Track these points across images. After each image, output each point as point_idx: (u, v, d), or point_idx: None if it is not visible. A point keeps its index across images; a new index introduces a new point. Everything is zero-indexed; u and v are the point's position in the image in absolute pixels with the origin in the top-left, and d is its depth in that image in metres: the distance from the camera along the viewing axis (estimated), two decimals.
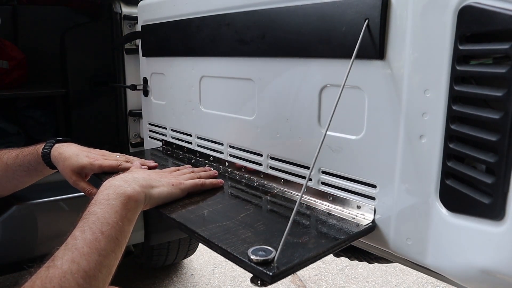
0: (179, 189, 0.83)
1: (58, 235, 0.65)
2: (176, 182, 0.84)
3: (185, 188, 0.84)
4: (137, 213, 0.73)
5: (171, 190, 0.82)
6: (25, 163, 1.02)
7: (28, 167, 1.03)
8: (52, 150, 1.01)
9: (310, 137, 0.82)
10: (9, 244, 1.28)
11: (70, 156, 0.99)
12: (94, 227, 0.64)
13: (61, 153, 1.00)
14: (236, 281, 2.22)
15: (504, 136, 0.52)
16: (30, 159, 1.02)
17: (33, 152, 1.02)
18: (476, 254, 0.58)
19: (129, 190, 0.72)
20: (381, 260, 0.93)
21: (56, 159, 1.00)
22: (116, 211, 0.68)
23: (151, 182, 0.79)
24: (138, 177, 0.78)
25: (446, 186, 0.60)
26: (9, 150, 1.05)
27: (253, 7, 0.88)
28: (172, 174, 0.89)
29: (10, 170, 1.03)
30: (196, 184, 0.86)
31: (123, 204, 0.69)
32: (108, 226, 0.65)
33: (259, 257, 0.57)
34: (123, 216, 0.68)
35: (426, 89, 0.61)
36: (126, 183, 0.74)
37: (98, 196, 0.71)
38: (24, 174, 1.04)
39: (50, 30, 2.00)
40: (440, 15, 0.58)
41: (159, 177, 0.83)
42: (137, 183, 0.76)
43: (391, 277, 2.25)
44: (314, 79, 0.79)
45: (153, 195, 0.77)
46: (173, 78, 1.21)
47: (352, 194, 0.76)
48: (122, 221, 0.68)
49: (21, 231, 1.30)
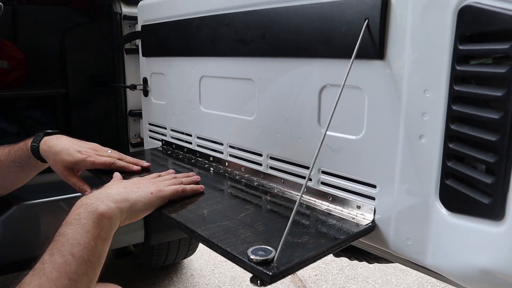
0: (158, 197, 0.78)
1: None
2: (155, 190, 0.79)
3: (165, 195, 0.80)
4: (112, 231, 0.69)
5: (150, 200, 0.77)
6: (16, 158, 1.01)
7: (20, 162, 1.01)
8: (41, 144, 0.99)
9: (310, 137, 0.82)
10: (9, 244, 1.29)
11: (60, 150, 0.97)
12: (63, 249, 0.61)
13: (51, 147, 0.98)
14: (236, 281, 2.22)
15: (504, 136, 0.52)
16: (21, 154, 1.01)
17: (23, 147, 1.01)
18: (476, 254, 0.58)
19: (102, 207, 0.68)
20: (381, 260, 0.93)
21: (45, 153, 0.98)
22: (87, 230, 0.64)
23: (127, 195, 0.75)
24: (112, 192, 0.73)
25: (446, 186, 0.60)
26: (3, 147, 1.03)
27: (253, 7, 0.88)
28: (152, 181, 0.84)
29: (4, 166, 1.02)
30: (176, 191, 0.82)
31: (95, 223, 0.66)
32: (79, 247, 0.61)
33: (259, 257, 0.57)
34: (96, 235, 0.64)
35: (426, 89, 0.61)
36: (99, 200, 0.70)
37: (69, 216, 0.67)
38: (18, 169, 1.03)
39: (50, 30, 2.00)
40: (440, 15, 0.58)
41: (136, 187, 0.78)
42: (111, 199, 0.71)
43: (391, 277, 2.25)
44: (314, 79, 0.79)
45: (129, 209, 0.73)
46: (173, 78, 1.21)
47: (352, 194, 0.76)
48: (95, 241, 0.64)
49: (21, 231, 1.30)
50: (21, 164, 1.02)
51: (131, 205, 0.74)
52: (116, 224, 0.70)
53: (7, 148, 1.03)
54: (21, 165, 1.02)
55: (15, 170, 1.03)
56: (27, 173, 1.05)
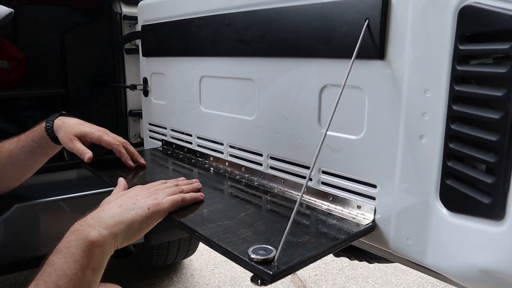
0: (155, 212, 0.73)
1: (58, 235, 0.64)
2: (153, 204, 0.73)
3: (163, 209, 0.74)
4: (105, 259, 0.65)
5: (147, 217, 0.72)
6: (28, 142, 1.04)
7: (32, 145, 1.03)
8: (55, 121, 1.03)
9: (310, 137, 0.82)
10: (9, 244, 1.28)
11: (73, 124, 1.03)
12: (49, 280, 0.58)
13: (64, 122, 1.03)
14: (236, 281, 2.22)
15: (504, 136, 0.52)
16: (33, 136, 1.04)
17: (36, 128, 1.04)
18: (476, 254, 0.58)
19: (93, 235, 0.64)
20: (381, 260, 0.93)
21: (58, 127, 1.02)
22: (76, 260, 0.60)
23: (121, 216, 0.69)
24: (105, 217, 0.68)
25: (446, 186, 0.60)
26: (10, 138, 1.06)
27: (253, 7, 0.88)
28: (151, 192, 0.78)
29: (14, 155, 1.04)
30: (176, 201, 0.77)
31: (84, 252, 0.61)
32: (65, 278, 0.58)
33: (260, 256, 0.57)
34: (84, 265, 0.61)
35: (426, 89, 0.62)
36: (90, 227, 0.65)
37: (60, 243, 0.64)
38: (29, 155, 1.05)
39: (50, 30, 2.00)
40: (440, 15, 0.58)
41: (132, 203, 0.73)
42: (103, 224, 0.67)
43: (391, 277, 2.25)
44: (314, 79, 0.79)
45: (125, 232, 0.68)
46: (173, 78, 1.21)
47: (352, 194, 0.76)
48: (83, 271, 0.60)
49: (21, 231, 1.30)
50: (32, 147, 1.04)
51: (127, 227, 0.69)
52: (109, 251, 0.66)
53: (15, 137, 1.05)
54: (32, 149, 1.04)
55: (25, 157, 1.04)
56: (36, 158, 1.07)
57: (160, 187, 0.82)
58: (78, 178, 1.48)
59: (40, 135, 1.03)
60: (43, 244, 1.33)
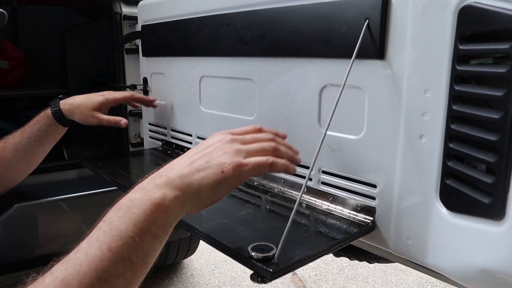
0: (231, 175, 0.58)
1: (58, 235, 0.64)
2: (230, 164, 0.58)
3: (243, 172, 0.59)
4: (169, 226, 0.56)
5: (219, 179, 0.58)
6: (34, 132, 1.05)
7: (39, 135, 1.05)
8: (62, 106, 1.06)
9: (310, 137, 0.82)
10: (9, 244, 1.28)
11: (82, 101, 1.06)
12: (102, 239, 0.50)
13: (72, 103, 1.06)
14: (236, 281, 2.22)
15: (504, 136, 0.52)
16: (40, 125, 1.05)
17: (40, 118, 1.06)
18: (476, 254, 0.58)
19: (157, 196, 0.55)
20: (381, 260, 0.93)
21: (69, 111, 1.05)
22: (135, 222, 0.52)
23: (191, 177, 0.57)
24: (172, 175, 0.58)
25: (446, 185, 0.60)
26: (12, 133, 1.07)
27: (253, 7, 0.88)
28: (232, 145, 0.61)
29: (20, 147, 1.05)
30: (262, 165, 0.59)
31: (146, 214, 0.53)
32: (120, 241, 0.50)
33: (260, 254, 0.57)
34: (144, 230, 0.52)
35: (426, 89, 0.62)
36: (156, 187, 0.56)
37: (122, 199, 0.56)
38: (36, 145, 1.06)
39: (50, 30, 2.00)
40: (440, 15, 0.58)
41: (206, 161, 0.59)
42: (170, 184, 0.57)
43: (391, 277, 2.25)
44: (314, 79, 0.79)
45: (194, 197, 0.57)
46: (173, 78, 1.21)
47: (352, 194, 0.76)
48: (142, 237, 0.52)
49: (21, 231, 1.30)
50: (39, 137, 1.05)
51: (196, 192, 0.57)
52: (176, 217, 0.56)
53: (18, 130, 1.06)
54: (39, 139, 1.05)
55: (31, 147, 1.05)
56: (44, 146, 1.08)
57: (248, 138, 0.64)
58: (78, 178, 1.48)
59: (48, 123, 1.05)
60: (43, 244, 1.33)
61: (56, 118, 1.05)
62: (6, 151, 1.04)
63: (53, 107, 1.06)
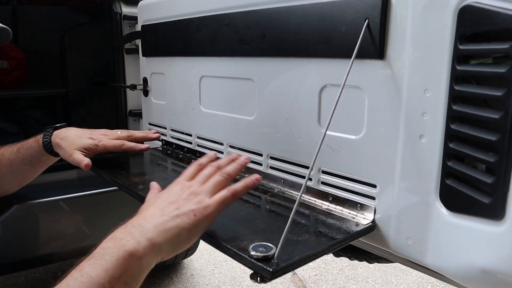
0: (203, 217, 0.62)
1: (58, 235, 0.64)
2: (198, 208, 0.62)
3: (212, 212, 0.63)
4: (142, 273, 0.56)
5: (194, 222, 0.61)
6: (27, 156, 1.03)
7: (31, 160, 1.03)
8: (52, 138, 1.01)
9: (310, 137, 0.82)
10: (9, 244, 1.29)
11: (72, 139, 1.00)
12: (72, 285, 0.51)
13: (63, 138, 1.00)
14: (236, 281, 2.22)
15: (504, 135, 0.52)
16: (32, 152, 1.03)
17: (33, 144, 1.03)
18: (476, 254, 0.58)
19: (130, 244, 0.55)
20: (381, 260, 0.93)
21: (57, 145, 1.00)
22: (106, 269, 0.52)
23: (166, 225, 0.59)
24: (147, 225, 0.59)
25: (446, 185, 0.60)
26: (10, 146, 1.06)
27: (253, 7, 0.88)
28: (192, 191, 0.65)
29: (14, 165, 1.04)
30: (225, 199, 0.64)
31: (118, 262, 0.53)
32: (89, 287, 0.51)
33: (260, 253, 0.57)
34: (115, 277, 0.52)
35: (426, 89, 0.62)
36: (130, 236, 0.57)
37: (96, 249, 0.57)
38: (28, 167, 1.05)
39: (50, 30, 2.00)
40: (440, 14, 0.58)
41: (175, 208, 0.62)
42: (145, 234, 0.57)
43: (391, 277, 2.25)
44: (314, 79, 0.79)
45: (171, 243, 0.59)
46: (173, 78, 1.21)
47: (352, 194, 0.76)
48: (112, 284, 0.52)
49: (21, 231, 1.30)
50: (32, 162, 1.04)
51: (173, 237, 0.59)
52: (149, 265, 0.57)
53: (15, 147, 1.05)
54: (31, 163, 1.04)
55: (25, 168, 1.05)
56: (37, 169, 1.07)
57: (200, 179, 0.68)
58: (78, 178, 1.48)
59: (39, 152, 1.02)
60: (43, 244, 1.33)
61: (46, 150, 1.01)
62: (1, 165, 1.04)
63: (45, 137, 1.02)
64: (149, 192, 0.73)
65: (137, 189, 0.89)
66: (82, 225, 1.37)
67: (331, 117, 0.66)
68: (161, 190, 0.71)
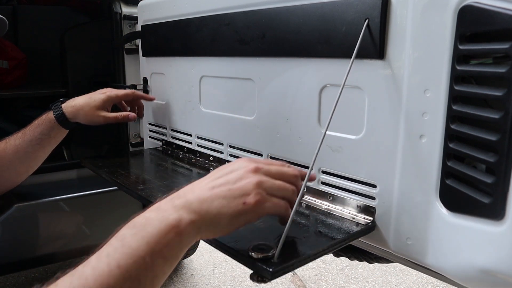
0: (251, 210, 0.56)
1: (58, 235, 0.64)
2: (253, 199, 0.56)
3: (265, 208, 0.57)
4: (181, 250, 0.53)
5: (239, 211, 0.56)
6: (36, 135, 1.05)
7: (41, 138, 1.05)
8: (64, 109, 1.06)
9: (310, 137, 0.82)
10: (9, 244, 1.29)
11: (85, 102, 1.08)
12: (112, 256, 0.49)
13: (75, 105, 1.07)
14: (236, 281, 2.22)
15: (504, 135, 0.52)
16: (41, 129, 1.05)
17: (42, 122, 1.06)
18: (476, 254, 0.58)
19: (173, 218, 0.53)
20: (381, 260, 0.93)
21: (73, 113, 1.06)
22: (148, 242, 0.50)
23: (211, 203, 0.55)
24: (192, 199, 0.55)
25: (446, 185, 0.60)
26: (13, 134, 1.07)
27: (253, 7, 0.88)
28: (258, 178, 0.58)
29: (21, 149, 1.05)
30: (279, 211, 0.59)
31: (160, 235, 0.51)
32: (130, 259, 0.49)
33: (259, 254, 0.57)
34: (156, 251, 0.50)
35: (426, 89, 0.62)
36: (173, 208, 0.54)
37: (137, 217, 0.54)
38: (37, 148, 1.06)
39: (50, 30, 2.00)
40: (440, 14, 0.58)
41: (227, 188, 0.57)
42: (189, 208, 0.54)
43: (391, 277, 2.25)
44: (314, 79, 0.79)
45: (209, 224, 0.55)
46: (173, 78, 1.21)
47: (352, 194, 0.76)
48: (153, 257, 0.50)
49: (21, 231, 1.30)
50: (41, 140, 1.06)
51: (213, 219, 0.55)
52: (189, 242, 0.54)
53: (19, 132, 1.06)
54: (41, 142, 1.06)
55: (33, 150, 1.06)
56: (46, 149, 1.09)
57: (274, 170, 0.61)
58: (78, 178, 1.48)
59: (50, 126, 1.05)
60: (43, 244, 1.33)
61: (59, 122, 1.05)
62: (7, 153, 1.04)
63: (56, 110, 1.06)
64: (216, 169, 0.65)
65: (137, 189, 0.90)
66: (82, 225, 1.37)
67: (331, 117, 0.66)
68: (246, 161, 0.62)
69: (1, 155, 1.03)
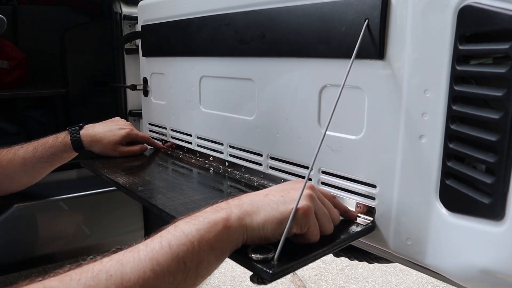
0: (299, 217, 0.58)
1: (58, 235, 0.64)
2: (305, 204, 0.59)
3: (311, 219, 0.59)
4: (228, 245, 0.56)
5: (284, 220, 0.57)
6: (47, 154, 1.06)
7: (52, 157, 1.07)
8: (82, 137, 1.08)
9: (310, 137, 0.82)
10: (9, 244, 1.29)
11: (104, 135, 1.09)
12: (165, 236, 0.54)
13: (94, 136, 1.09)
14: (236, 281, 2.22)
15: (504, 136, 0.52)
16: (55, 150, 1.06)
17: (56, 144, 1.07)
18: (476, 254, 0.58)
19: (224, 213, 0.57)
20: (381, 260, 0.93)
21: (90, 143, 1.08)
22: (198, 228, 0.54)
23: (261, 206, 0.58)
24: (245, 201, 0.60)
25: (446, 186, 0.60)
26: (22, 145, 1.07)
27: (253, 7, 0.88)
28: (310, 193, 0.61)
29: (30, 163, 1.05)
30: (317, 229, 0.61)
31: (210, 224, 0.55)
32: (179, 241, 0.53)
33: (259, 255, 0.57)
34: (204, 238, 0.54)
35: (426, 89, 0.62)
36: (227, 205, 0.59)
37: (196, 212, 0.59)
38: (47, 165, 1.08)
39: (50, 30, 2.00)
40: (440, 15, 0.58)
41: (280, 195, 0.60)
42: (239, 207, 0.58)
43: (391, 277, 2.25)
44: (314, 79, 0.79)
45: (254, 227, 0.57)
46: (173, 78, 1.21)
47: (352, 194, 0.76)
48: (201, 244, 0.53)
49: (21, 231, 1.30)
50: (52, 159, 1.07)
51: (260, 221, 0.57)
52: (235, 239, 0.57)
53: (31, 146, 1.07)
54: (51, 160, 1.07)
55: (42, 166, 1.07)
56: (53, 167, 1.11)
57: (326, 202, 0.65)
58: (78, 178, 1.48)
59: (64, 150, 1.07)
60: (43, 244, 1.33)
61: (74, 148, 1.07)
62: (14, 164, 1.05)
63: (73, 136, 1.07)
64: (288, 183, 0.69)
65: (137, 190, 0.89)
66: (82, 225, 1.37)
67: (331, 117, 0.66)
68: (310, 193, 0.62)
69: (8, 166, 1.04)
